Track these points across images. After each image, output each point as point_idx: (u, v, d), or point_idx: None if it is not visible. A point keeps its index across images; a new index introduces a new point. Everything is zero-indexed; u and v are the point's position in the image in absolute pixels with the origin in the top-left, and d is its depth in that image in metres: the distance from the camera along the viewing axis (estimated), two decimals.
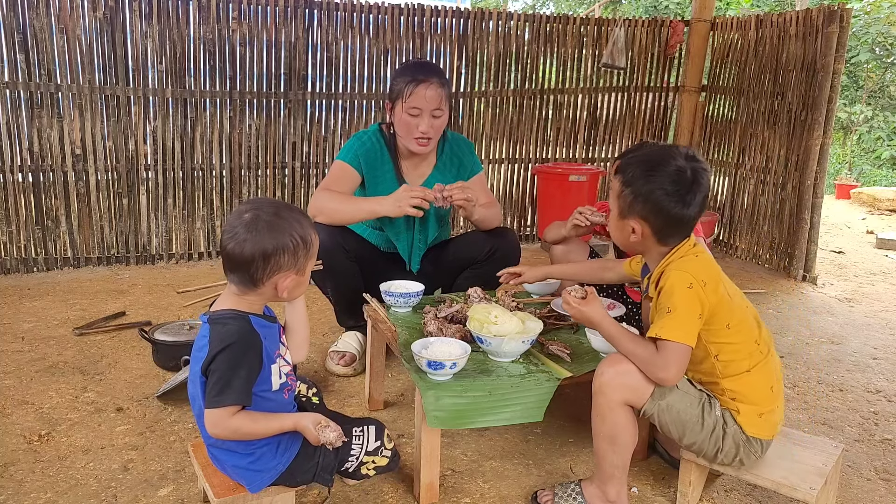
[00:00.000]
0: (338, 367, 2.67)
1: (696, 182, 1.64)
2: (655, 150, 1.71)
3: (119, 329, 3.09)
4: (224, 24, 4.04)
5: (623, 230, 1.74)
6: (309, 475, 1.62)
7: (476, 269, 2.64)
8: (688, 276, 1.62)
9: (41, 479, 1.94)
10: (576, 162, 5.11)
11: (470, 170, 2.74)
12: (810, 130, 4.14)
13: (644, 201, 1.65)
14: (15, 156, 3.80)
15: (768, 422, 1.71)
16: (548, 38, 4.84)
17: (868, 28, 9.72)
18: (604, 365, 1.72)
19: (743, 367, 1.68)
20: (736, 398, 1.69)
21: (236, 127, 4.19)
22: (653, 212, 1.65)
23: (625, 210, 1.70)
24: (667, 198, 1.64)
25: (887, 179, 9.56)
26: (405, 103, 2.47)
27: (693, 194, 1.64)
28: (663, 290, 1.65)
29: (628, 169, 1.69)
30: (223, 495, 1.57)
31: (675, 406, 1.68)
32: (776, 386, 1.73)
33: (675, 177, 1.64)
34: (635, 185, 1.66)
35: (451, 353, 1.82)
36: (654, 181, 1.64)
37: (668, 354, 1.62)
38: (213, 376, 1.47)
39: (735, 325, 1.67)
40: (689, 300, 1.60)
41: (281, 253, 1.50)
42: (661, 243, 1.71)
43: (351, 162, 2.59)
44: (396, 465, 1.76)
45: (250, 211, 1.51)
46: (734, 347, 1.68)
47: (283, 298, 1.60)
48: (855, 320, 3.66)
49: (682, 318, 1.60)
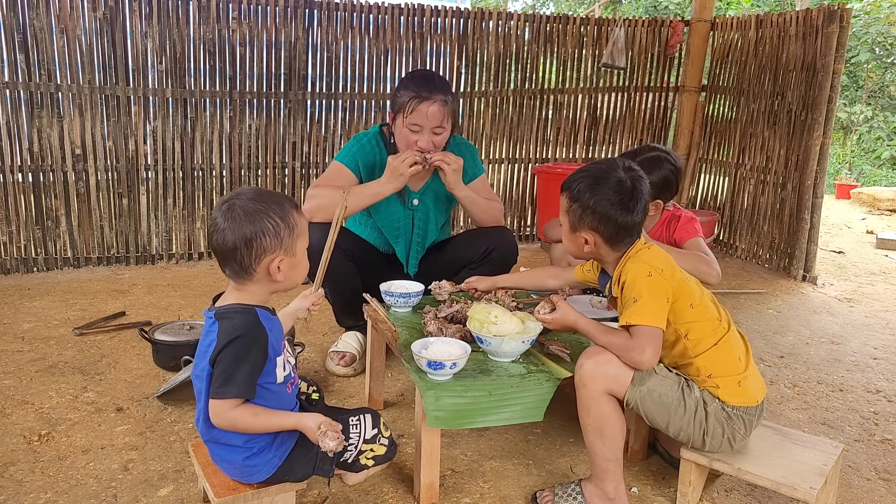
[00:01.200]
0: (338, 368, 2.67)
1: (635, 190, 1.77)
2: (596, 167, 1.84)
3: (119, 329, 3.09)
4: (224, 24, 4.04)
5: (576, 242, 1.85)
6: (309, 467, 1.62)
7: (473, 268, 2.63)
8: (645, 266, 1.73)
9: (41, 479, 1.94)
10: (576, 162, 5.11)
11: (471, 174, 2.72)
12: (810, 130, 4.14)
13: (592, 213, 1.77)
14: (15, 156, 3.80)
15: (747, 389, 1.77)
16: (548, 38, 4.84)
17: (868, 28, 9.72)
18: (582, 358, 1.78)
19: (710, 342, 1.76)
20: (712, 374, 1.76)
21: (236, 127, 4.19)
22: (602, 222, 1.77)
23: (575, 223, 1.82)
24: (612, 207, 1.75)
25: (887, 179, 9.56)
26: (406, 118, 2.44)
27: (635, 201, 1.77)
28: (626, 284, 1.75)
29: (574, 185, 1.81)
30: (223, 495, 1.57)
31: (655, 390, 1.73)
32: (743, 357, 1.81)
33: (616, 188, 1.76)
34: (582, 200, 1.78)
35: (451, 353, 1.82)
36: (598, 193, 1.76)
37: (641, 338, 1.70)
38: (218, 367, 1.49)
39: (696, 304, 1.77)
40: (653, 286, 1.71)
41: (262, 236, 1.51)
42: (614, 249, 1.81)
43: (349, 164, 2.58)
44: (394, 454, 1.77)
45: (227, 201, 1.53)
46: (700, 325, 1.77)
47: (283, 283, 1.59)
48: (855, 320, 3.66)
49: (648, 303, 1.69)
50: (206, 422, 1.56)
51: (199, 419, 1.59)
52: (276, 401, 1.58)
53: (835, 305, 3.91)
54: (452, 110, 2.51)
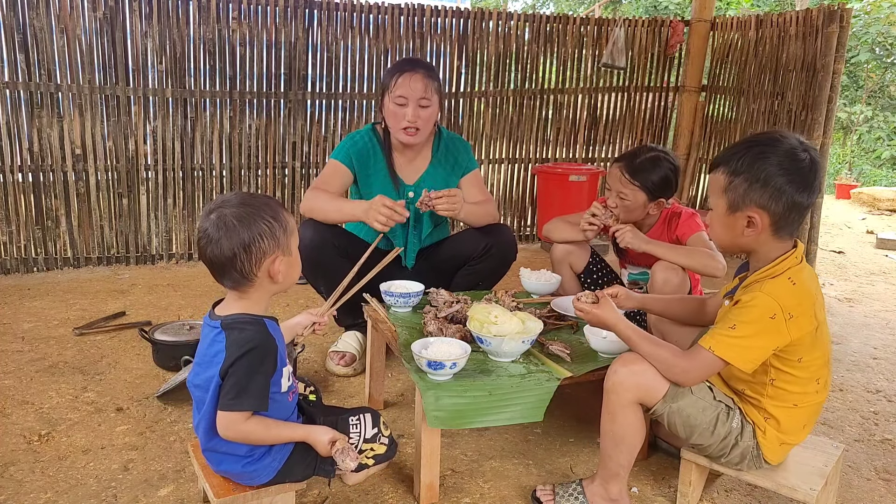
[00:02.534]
0: (338, 368, 2.67)
1: (814, 163, 1.54)
2: (762, 137, 1.60)
3: (119, 329, 3.09)
4: (224, 24, 4.04)
5: (734, 227, 1.60)
6: (310, 469, 1.62)
7: (473, 265, 2.64)
8: (775, 304, 1.52)
9: (41, 479, 1.94)
10: (576, 162, 5.11)
11: (465, 167, 2.75)
12: (810, 130, 4.14)
13: (763, 185, 1.53)
14: (15, 156, 3.80)
15: (785, 451, 1.73)
16: (548, 38, 4.84)
17: (868, 28, 9.72)
18: (617, 364, 1.70)
19: (791, 401, 1.65)
20: (769, 420, 1.68)
21: (236, 127, 4.19)
22: (773, 196, 1.53)
23: (738, 201, 1.57)
24: (786, 179, 1.51)
25: (887, 179, 9.56)
26: (391, 94, 2.52)
27: (813, 176, 1.53)
28: (741, 304, 1.57)
29: (735, 157, 1.57)
30: (223, 495, 1.57)
31: (685, 410, 1.67)
32: (809, 426, 1.72)
33: (791, 156, 1.53)
34: (750, 172, 1.54)
35: (451, 353, 1.82)
36: (770, 163, 1.52)
37: (698, 361, 1.59)
38: (231, 380, 1.47)
39: (807, 361, 1.61)
40: (764, 329, 1.53)
41: (259, 238, 1.49)
42: (778, 237, 1.59)
43: (343, 160, 2.63)
44: (394, 453, 1.76)
45: (214, 211, 1.50)
46: (794, 380, 1.63)
47: (282, 284, 1.59)
48: (855, 320, 3.66)
49: (741, 341, 1.54)
50: (207, 432, 1.56)
51: (198, 427, 1.58)
52: (277, 410, 1.58)
53: (835, 305, 3.91)
54: (437, 88, 2.57)
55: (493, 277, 2.69)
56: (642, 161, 2.41)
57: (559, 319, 2.22)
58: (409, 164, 2.69)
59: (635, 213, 2.46)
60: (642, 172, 2.39)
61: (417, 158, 2.69)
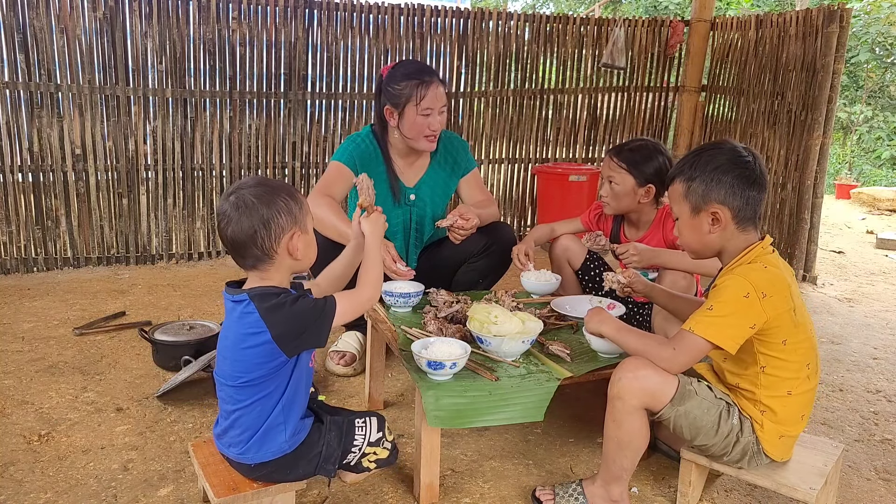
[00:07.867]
0: (338, 367, 2.67)
1: (756, 160, 1.69)
2: (705, 147, 1.75)
3: (119, 329, 3.09)
4: (224, 24, 4.04)
5: (700, 227, 1.71)
6: (311, 466, 1.63)
7: (473, 263, 2.64)
8: (747, 284, 1.60)
9: (41, 479, 1.94)
10: (576, 162, 5.11)
11: (464, 167, 2.75)
12: (810, 130, 4.14)
13: (717, 183, 1.66)
14: (15, 156, 3.80)
15: (785, 444, 1.73)
16: (548, 38, 4.84)
17: (868, 28, 9.71)
18: (621, 370, 1.71)
19: (784, 388, 1.68)
20: (766, 412, 1.69)
21: (236, 127, 4.19)
22: (729, 192, 1.66)
23: (699, 202, 1.69)
24: (736, 176, 1.65)
25: (887, 179, 9.56)
26: (419, 105, 2.48)
27: (759, 172, 1.68)
28: (716, 287, 1.65)
29: (685, 167, 1.71)
30: (223, 495, 1.57)
31: (692, 412, 1.68)
32: (807, 415, 1.74)
33: (733, 156, 1.67)
34: (705, 173, 1.67)
35: (451, 353, 1.82)
36: (718, 163, 1.67)
37: (682, 345, 1.64)
38: (297, 316, 1.53)
39: (792, 343, 1.65)
40: (740, 307, 1.59)
41: (278, 214, 1.54)
42: (742, 230, 1.69)
43: (347, 163, 2.60)
44: (395, 459, 1.77)
45: (233, 194, 1.56)
46: (784, 364, 1.66)
47: (301, 263, 1.61)
48: (855, 320, 3.66)
49: (719, 319, 1.60)
50: (225, 430, 1.58)
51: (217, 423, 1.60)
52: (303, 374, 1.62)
53: (835, 305, 3.91)
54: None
55: (494, 275, 2.69)
56: (630, 146, 2.49)
57: (559, 319, 2.22)
58: (410, 166, 2.69)
59: (626, 199, 2.47)
60: (629, 154, 2.44)
61: (417, 161, 2.69)
